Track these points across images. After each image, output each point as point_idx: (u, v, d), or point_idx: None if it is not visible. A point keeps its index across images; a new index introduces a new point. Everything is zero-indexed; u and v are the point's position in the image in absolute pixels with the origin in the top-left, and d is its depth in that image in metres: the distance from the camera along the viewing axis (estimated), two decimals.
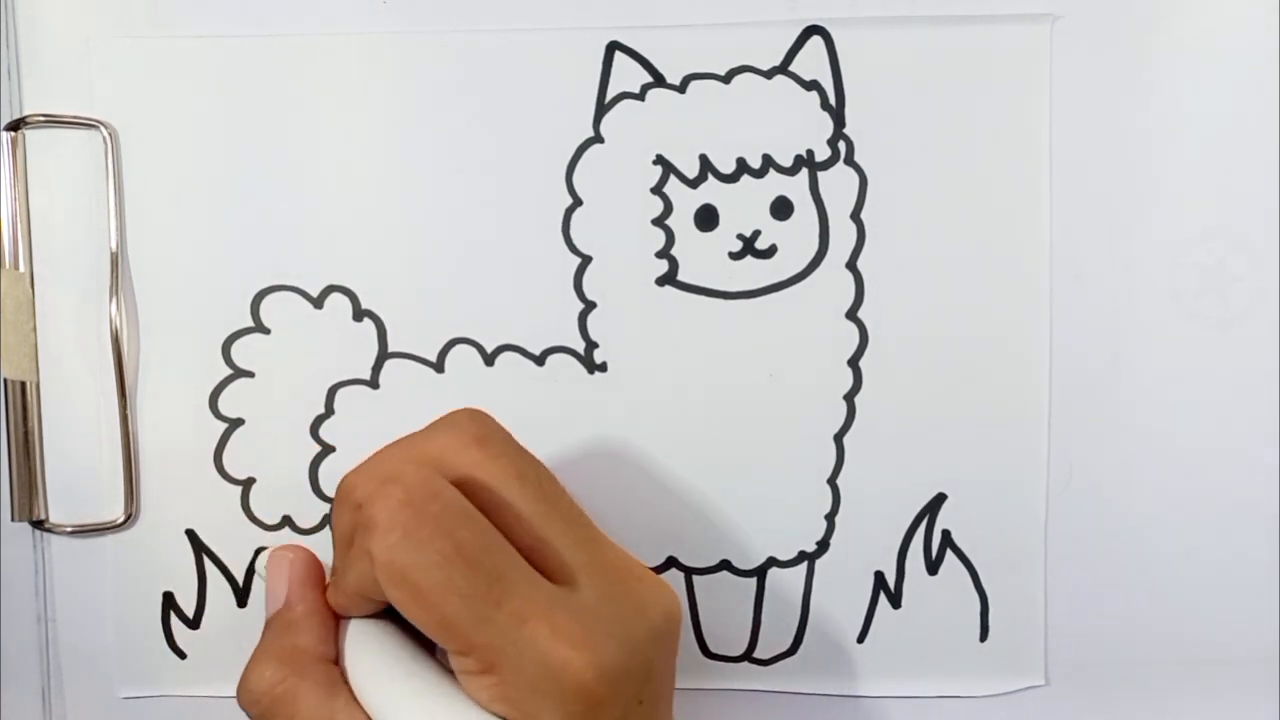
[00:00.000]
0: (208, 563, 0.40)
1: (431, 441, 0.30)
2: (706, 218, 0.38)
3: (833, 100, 0.38)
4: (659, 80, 0.38)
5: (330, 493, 0.39)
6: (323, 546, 0.39)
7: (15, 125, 0.38)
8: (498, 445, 0.30)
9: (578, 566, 0.29)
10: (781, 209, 0.38)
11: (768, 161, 0.38)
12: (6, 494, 0.39)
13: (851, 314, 0.39)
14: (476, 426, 0.31)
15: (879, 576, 0.40)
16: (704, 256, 0.38)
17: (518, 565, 0.28)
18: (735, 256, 0.38)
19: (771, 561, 0.40)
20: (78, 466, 0.39)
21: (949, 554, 0.39)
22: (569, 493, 0.31)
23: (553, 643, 0.27)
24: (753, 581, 0.40)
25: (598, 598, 0.28)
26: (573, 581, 0.28)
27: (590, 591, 0.28)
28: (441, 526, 0.27)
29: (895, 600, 0.40)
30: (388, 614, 0.31)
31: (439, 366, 0.39)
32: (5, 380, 0.38)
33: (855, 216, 0.38)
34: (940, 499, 0.39)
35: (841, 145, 0.38)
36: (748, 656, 0.40)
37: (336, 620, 0.32)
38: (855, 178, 0.38)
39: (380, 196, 0.38)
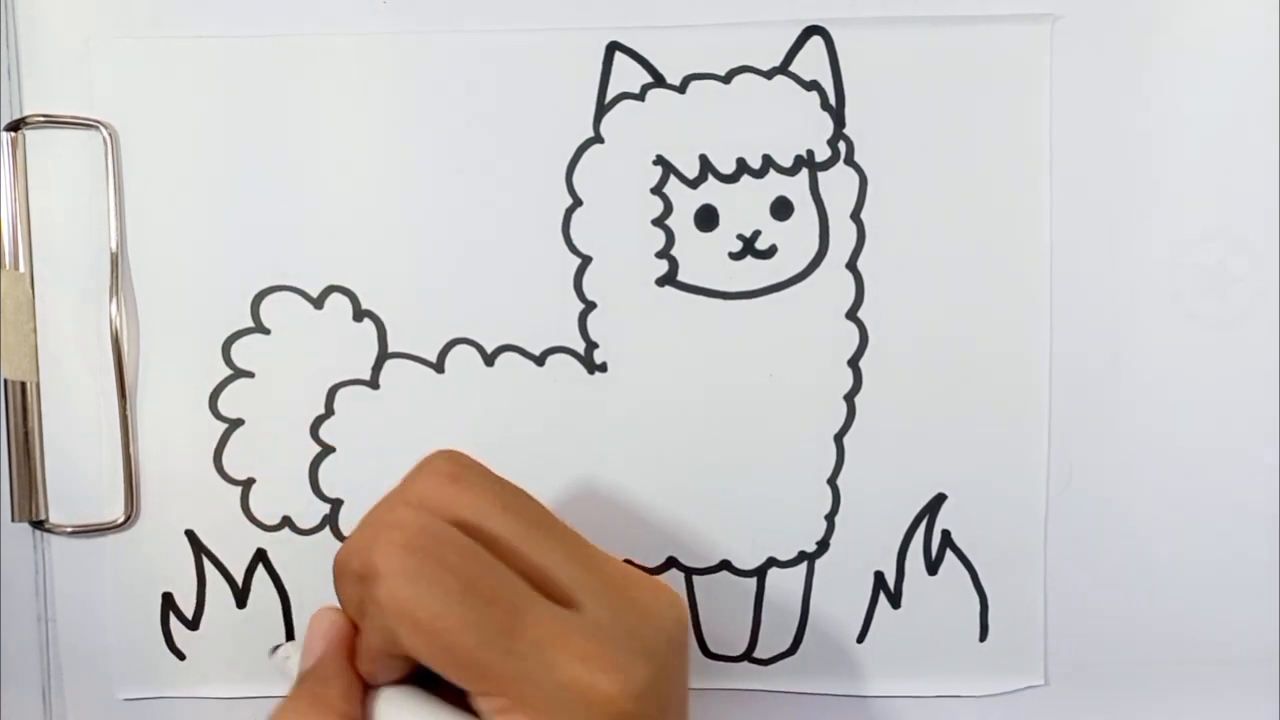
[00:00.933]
0: (207, 564, 0.40)
1: (410, 490, 0.30)
2: (706, 218, 0.38)
3: (833, 100, 0.38)
4: (659, 80, 0.38)
5: (330, 493, 0.39)
6: (321, 547, 0.39)
7: (15, 125, 0.38)
8: (473, 479, 0.30)
9: (580, 585, 0.28)
10: (781, 209, 0.38)
11: (768, 161, 0.38)
12: (6, 494, 0.39)
13: (851, 314, 0.39)
14: (450, 465, 0.30)
15: (879, 576, 0.40)
16: (704, 257, 0.38)
17: (526, 592, 0.27)
18: (735, 257, 0.38)
19: (771, 561, 0.40)
20: (77, 467, 0.39)
21: (949, 554, 0.39)
22: (554, 514, 0.31)
23: (576, 666, 0.26)
24: (753, 581, 0.40)
25: (608, 614, 0.28)
26: (578, 601, 0.28)
27: (599, 610, 0.28)
28: (445, 563, 0.27)
29: (895, 600, 0.40)
30: (416, 680, 0.30)
31: (439, 367, 0.39)
32: (5, 380, 0.38)
33: (855, 216, 0.38)
34: (940, 499, 0.39)
35: (841, 145, 0.38)
36: (747, 656, 0.40)
37: (365, 687, 0.31)
38: (855, 178, 0.38)
39: (380, 196, 0.38)
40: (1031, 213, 0.38)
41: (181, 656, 0.40)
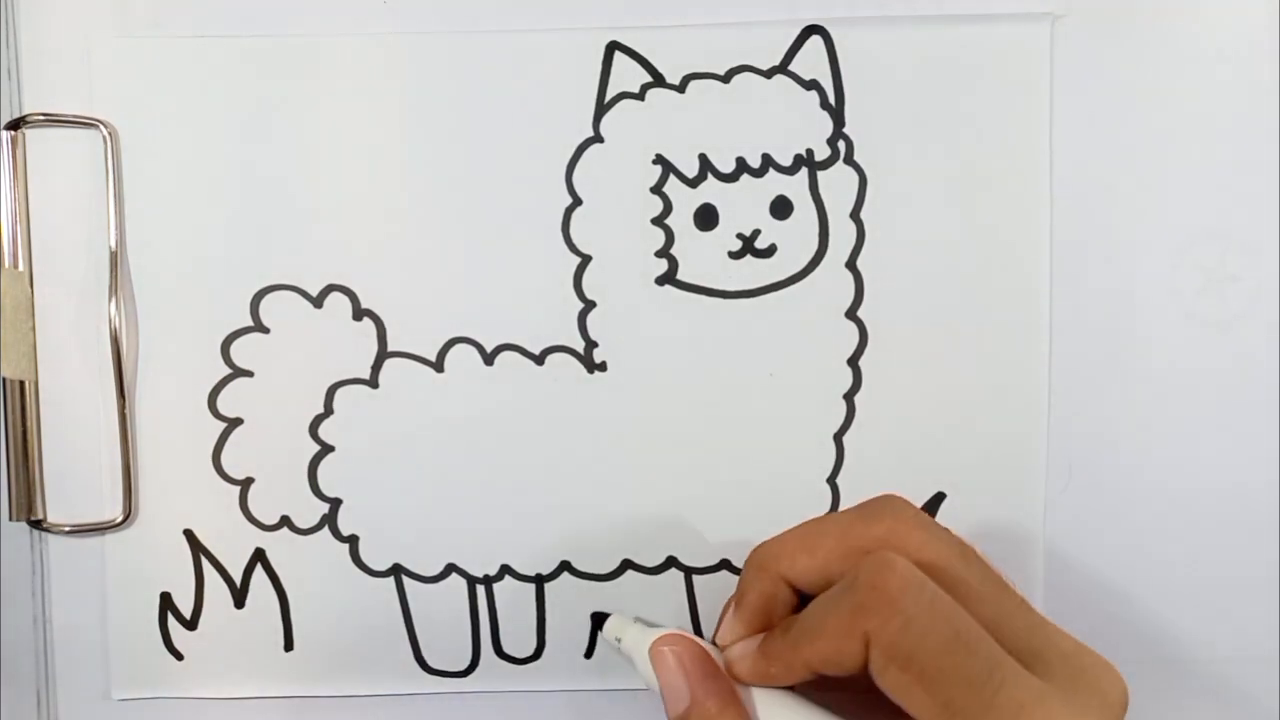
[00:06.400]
0: (205, 563, 0.39)
1: (873, 525, 0.30)
2: (706, 217, 0.38)
3: (832, 100, 0.38)
4: (659, 80, 0.38)
5: (329, 492, 0.39)
6: (320, 547, 0.39)
7: (15, 125, 0.38)
8: (936, 527, 0.30)
9: (1035, 651, 0.27)
10: (781, 208, 0.38)
11: (767, 161, 0.38)
12: (4, 493, 0.39)
13: (851, 313, 0.39)
14: (912, 510, 0.30)
15: None
16: (703, 256, 0.38)
17: (996, 648, 0.26)
18: (735, 256, 0.38)
19: None
20: (76, 466, 0.39)
21: None
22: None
23: None
24: None
25: (1069, 687, 0.27)
26: (1035, 666, 0.27)
27: (1060, 679, 0.27)
28: (939, 612, 0.26)
29: None
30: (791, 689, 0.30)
31: (439, 366, 0.39)
32: (4, 379, 0.38)
33: (855, 216, 0.38)
34: (939, 498, 0.39)
35: (841, 144, 0.38)
36: None
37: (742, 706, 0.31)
38: (855, 177, 0.38)
39: (380, 196, 0.38)
40: (1031, 212, 0.38)
41: (179, 657, 0.40)
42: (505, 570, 0.40)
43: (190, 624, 0.40)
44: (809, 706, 0.30)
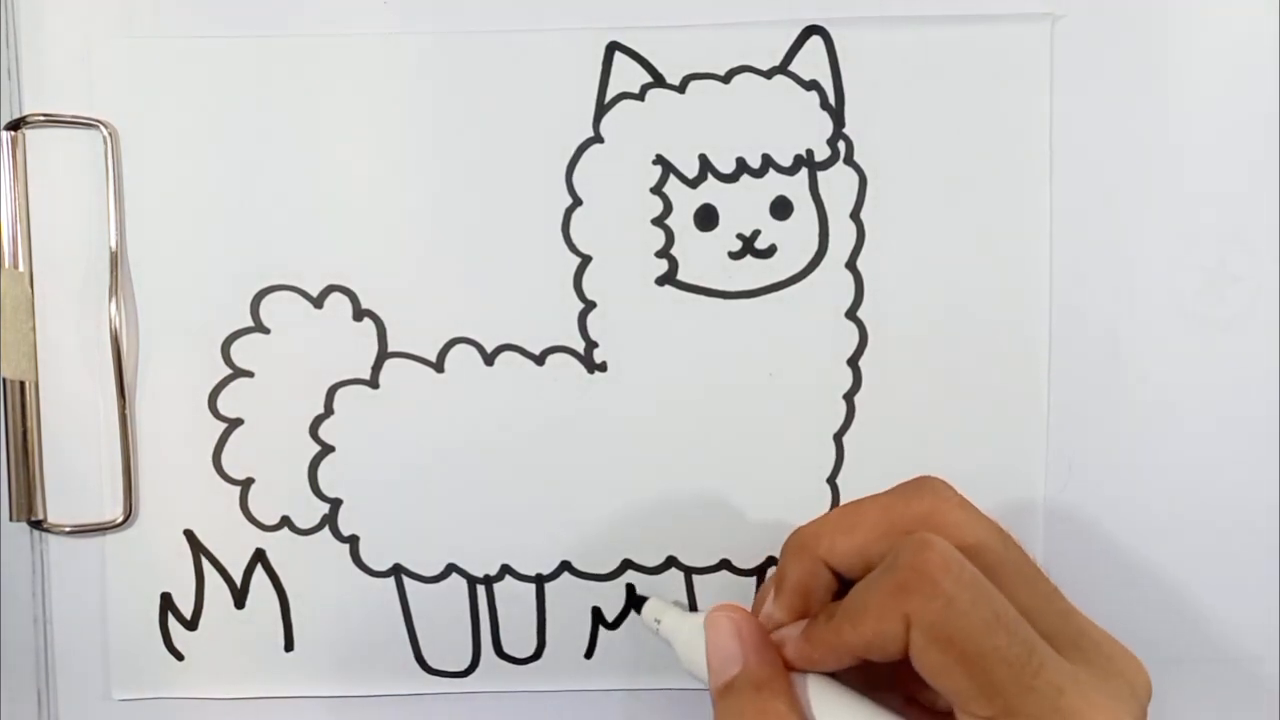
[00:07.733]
0: (206, 563, 0.39)
1: (913, 504, 0.30)
2: (706, 217, 0.38)
3: (832, 100, 0.38)
4: (659, 80, 0.38)
5: (330, 492, 0.39)
6: (320, 547, 0.39)
7: (15, 125, 0.38)
8: (976, 510, 0.30)
9: (1069, 638, 0.28)
10: (781, 209, 0.38)
11: (767, 161, 0.38)
12: (5, 493, 0.39)
13: (851, 313, 0.39)
14: (952, 491, 0.31)
15: None
16: (704, 256, 0.38)
17: (1032, 630, 0.27)
18: (735, 256, 0.38)
19: (771, 561, 0.39)
20: (76, 466, 0.39)
21: None
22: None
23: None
24: (753, 581, 0.40)
25: (1101, 674, 0.27)
26: (1070, 654, 0.27)
27: (1094, 666, 0.27)
28: (980, 594, 0.26)
29: None
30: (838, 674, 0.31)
31: (439, 366, 0.39)
32: (4, 379, 0.38)
33: (855, 216, 0.38)
34: None
35: (841, 145, 0.38)
36: None
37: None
38: (855, 177, 0.38)
39: (380, 196, 0.38)
40: (1031, 212, 0.38)
41: (180, 657, 0.40)
42: (505, 570, 0.40)
43: (190, 624, 0.40)
44: (851, 694, 0.30)
